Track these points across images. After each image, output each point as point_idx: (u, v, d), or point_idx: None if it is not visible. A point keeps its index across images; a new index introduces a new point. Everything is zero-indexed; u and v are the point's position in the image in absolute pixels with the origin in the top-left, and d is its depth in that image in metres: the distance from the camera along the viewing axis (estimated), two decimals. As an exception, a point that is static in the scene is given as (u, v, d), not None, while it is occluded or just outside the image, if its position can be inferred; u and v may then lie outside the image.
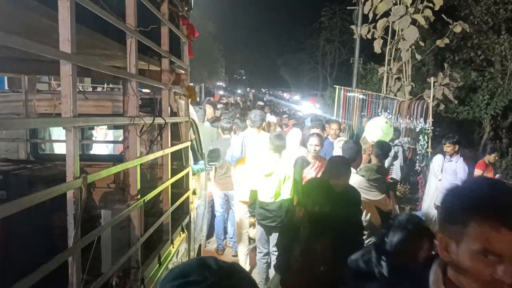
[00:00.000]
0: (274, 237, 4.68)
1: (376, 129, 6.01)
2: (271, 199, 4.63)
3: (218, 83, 39.97)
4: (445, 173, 6.43)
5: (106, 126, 5.05)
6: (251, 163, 5.16)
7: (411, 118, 9.47)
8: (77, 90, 1.79)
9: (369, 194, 4.39)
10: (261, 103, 19.38)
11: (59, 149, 3.86)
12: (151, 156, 2.55)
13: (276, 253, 4.62)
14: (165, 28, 2.82)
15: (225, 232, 6.45)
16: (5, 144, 3.34)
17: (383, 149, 4.95)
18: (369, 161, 5.17)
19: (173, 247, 2.98)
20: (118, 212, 2.09)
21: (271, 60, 50.96)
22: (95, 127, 5.02)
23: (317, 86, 38.07)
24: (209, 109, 8.30)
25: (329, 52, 35.63)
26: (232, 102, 18.29)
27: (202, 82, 27.53)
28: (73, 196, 1.59)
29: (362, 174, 4.51)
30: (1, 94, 3.45)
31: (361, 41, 17.18)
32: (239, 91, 46.39)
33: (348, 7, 17.25)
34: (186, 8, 3.30)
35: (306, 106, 28.06)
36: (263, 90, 55.25)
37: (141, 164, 2.40)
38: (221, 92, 35.19)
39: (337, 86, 11.51)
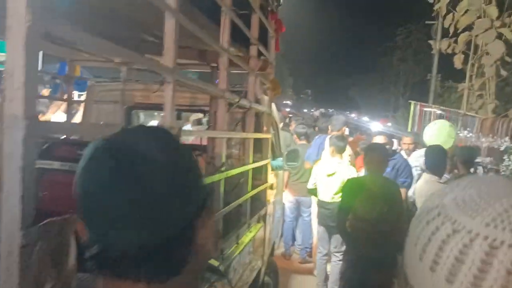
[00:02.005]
0: (335, 237, 4.76)
1: (440, 132, 5.58)
2: (331, 199, 4.77)
3: (284, 101, 40.26)
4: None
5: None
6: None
7: (495, 137, 8.87)
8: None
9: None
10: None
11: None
12: (237, 134, 2.61)
13: (338, 254, 4.64)
14: (256, 17, 2.91)
15: (294, 239, 6.38)
16: (94, 128, 3.58)
17: (470, 154, 4.56)
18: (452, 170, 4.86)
19: (250, 233, 3.00)
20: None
21: (340, 80, 50.57)
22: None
23: (389, 107, 37.00)
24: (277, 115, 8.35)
25: (402, 72, 34.62)
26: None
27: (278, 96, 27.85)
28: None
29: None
30: (103, 84, 3.74)
31: (439, 59, 16.54)
32: (305, 110, 46.32)
33: (426, 22, 16.68)
34: (275, 3, 3.38)
35: (375, 125, 27.34)
36: (330, 111, 54.79)
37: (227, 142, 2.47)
38: (288, 109, 35.42)
39: (413, 102, 11.12)
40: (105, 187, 0.62)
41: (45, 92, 4.80)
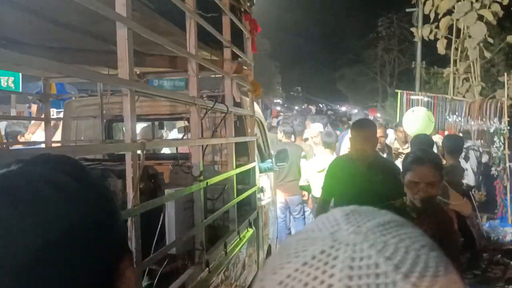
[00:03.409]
0: None
1: (418, 119, 5.55)
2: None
3: (275, 100, 40.22)
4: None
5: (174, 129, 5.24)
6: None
7: (484, 119, 8.85)
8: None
9: (448, 198, 4.02)
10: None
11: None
12: (213, 140, 2.53)
13: None
14: (226, 19, 2.83)
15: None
16: (51, 149, 3.51)
17: (456, 143, 4.36)
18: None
19: (239, 239, 2.92)
20: (180, 191, 2.09)
21: (328, 74, 50.60)
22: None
23: (377, 98, 37.14)
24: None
25: (387, 62, 34.75)
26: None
27: (259, 98, 27.85)
28: (131, 159, 1.58)
29: None
30: (79, 99, 3.66)
31: (423, 46, 16.54)
32: (296, 107, 46.39)
33: (407, 9, 16.68)
34: (248, 4, 3.30)
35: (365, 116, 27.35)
36: (321, 106, 54.81)
37: (203, 153, 2.39)
38: (278, 108, 35.41)
39: (399, 91, 11.05)
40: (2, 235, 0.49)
41: (34, 109, 4.71)
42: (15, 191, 0.52)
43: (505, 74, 9.02)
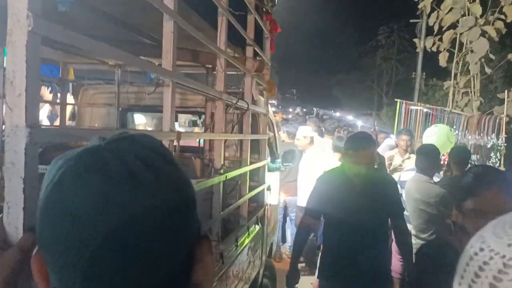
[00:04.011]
0: None
1: (440, 136, 5.54)
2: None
3: (270, 101, 40.29)
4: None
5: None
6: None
7: (481, 134, 8.98)
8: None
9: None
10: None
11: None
12: (234, 136, 2.57)
13: None
14: (252, 17, 2.87)
15: (284, 240, 6.35)
16: (98, 131, 3.52)
17: (464, 155, 4.45)
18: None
19: (248, 235, 2.96)
20: (202, 182, 2.12)
21: (325, 79, 50.82)
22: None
23: (372, 106, 37.37)
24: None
25: (385, 71, 35.00)
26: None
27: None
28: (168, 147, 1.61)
29: (443, 185, 3.82)
30: (96, 85, 3.66)
31: (423, 57, 16.69)
32: (290, 110, 46.45)
33: (411, 20, 16.81)
34: (270, 4, 3.35)
35: (361, 125, 27.55)
36: (315, 109, 55.00)
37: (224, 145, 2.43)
38: (274, 109, 35.46)
39: (399, 100, 11.15)
40: (96, 209, 0.49)
41: (43, 90, 4.69)
42: (106, 165, 0.51)
43: (506, 91, 9.16)
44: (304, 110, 45.60)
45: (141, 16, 2.01)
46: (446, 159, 5.09)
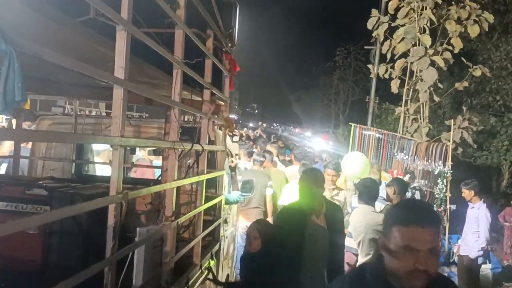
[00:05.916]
0: None
1: (356, 163, 5.92)
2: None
3: (231, 116, 40.39)
4: (467, 220, 6.39)
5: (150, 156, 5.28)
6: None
7: (429, 161, 9.43)
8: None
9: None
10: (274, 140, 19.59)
11: (101, 171, 4.00)
12: (187, 181, 2.61)
13: None
14: (209, 62, 2.94)
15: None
16: (52, 164, 3.45)
17: (404, 185, 5.08)
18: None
19: (201, 273, 2.98)
20: (153, 230, 2.15)
21: (284, 95, 51.47)
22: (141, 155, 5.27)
23: (329, 123, 38.26)
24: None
25: (342, 91, 36.00)
26: (243, 134, 18.43)
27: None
28: (114, 210, 1.67)
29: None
30: (54, 117, 3.62)
31: (376, 81, 17.36)
32: (251, 125, 46.73)
33: (365, 47, 17.50)
34: (229, 44, 3.44)
35: (318, 142, 28.14)
36: (275, 125, 55.57)
37: (177, 189, 2.46)
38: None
39: (353, 124, 11.56)
40: None
41: None
42: None
43: (452, 120, 9.69)
44: (265, 125, 46.04)
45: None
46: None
